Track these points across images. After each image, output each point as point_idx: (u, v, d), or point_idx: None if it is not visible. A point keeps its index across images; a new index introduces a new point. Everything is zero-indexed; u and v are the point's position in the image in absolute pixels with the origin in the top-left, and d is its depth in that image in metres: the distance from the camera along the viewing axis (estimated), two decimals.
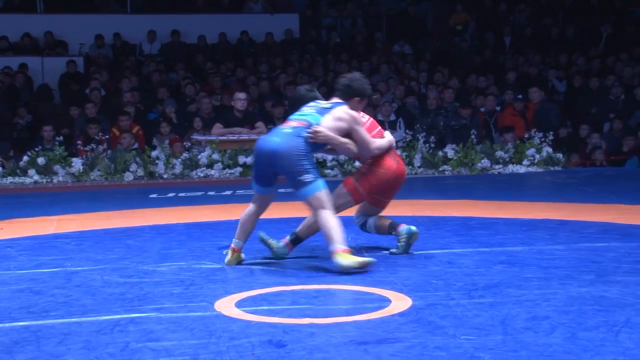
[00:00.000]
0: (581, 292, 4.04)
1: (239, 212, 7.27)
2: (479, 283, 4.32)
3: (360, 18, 16.86)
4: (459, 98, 12.57)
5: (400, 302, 3.91)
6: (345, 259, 4.54)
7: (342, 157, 10.19)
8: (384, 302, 3.94)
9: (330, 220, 4.62)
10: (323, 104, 4.96)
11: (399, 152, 10.55)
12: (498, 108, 12.32)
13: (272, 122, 11.49)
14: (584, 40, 15.73)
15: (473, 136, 10.80)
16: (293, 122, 4.84)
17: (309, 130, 4.74)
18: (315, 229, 4.91)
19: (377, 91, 12.97)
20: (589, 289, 4.12)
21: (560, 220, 6.39)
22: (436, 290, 4.20)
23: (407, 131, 11.35)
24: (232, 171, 10.31)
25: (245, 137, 10.46)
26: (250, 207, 5.01)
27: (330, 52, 15.21)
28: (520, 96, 12.39)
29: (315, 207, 4.67)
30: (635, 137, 11.22)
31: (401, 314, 3.72)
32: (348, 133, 4.89)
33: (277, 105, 12.01)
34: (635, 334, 3.31)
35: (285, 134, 4.73)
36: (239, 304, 3.95)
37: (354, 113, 4.93)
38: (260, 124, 10.63)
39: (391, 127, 11.57)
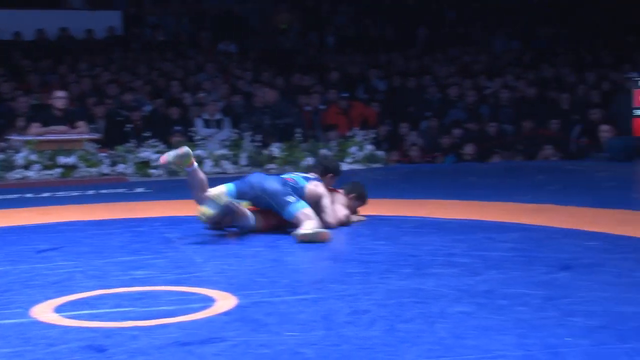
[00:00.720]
0: (400, 285, 4.20)
1: (59, 214, 7.10)
2: (304, 279, 4.40)
3: (185, 16, 16.71)
4: (284, 97, 12.71)
5: (225, 302, 3.91)
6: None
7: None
8: (209, 301, 3.93)
9: (313, 222, 5.50)
10: (307, 175, 6.04)
11: (224, 151, 10.59)
12: (322, 107, 12.56)
13: (94, 121, 11.18)
14: (402, 41, 16.32)
15: (298, 134, 10.95)
16: (285, 177, 5.91)
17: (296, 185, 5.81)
18: None
19: (202, 90, 12.92)
20: (407, 282, 4.28)
21: (381, 216, 6.58)
22: (261, 287, 4.22)
23: (233, 130, 11.35)
24: (52, 172, 9.92)
25: (65, 136, 10.11)
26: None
27: (155, 50, 14.97)
28: (344, 95, 12.69)
29: (303, 221, 5.45)
30: (449, 135, 11.76)
31: (226, 313, 3.72)
32: (317, 201, 5.85)
33: (99, 104, 11.67)
34: (448, 324, 3.47)
35: (275, 177, 5.87)
36: (58, 309, 3.82)
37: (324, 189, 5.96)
38: (81, 123, 10.29)
39: (217, 125, 11.54)
